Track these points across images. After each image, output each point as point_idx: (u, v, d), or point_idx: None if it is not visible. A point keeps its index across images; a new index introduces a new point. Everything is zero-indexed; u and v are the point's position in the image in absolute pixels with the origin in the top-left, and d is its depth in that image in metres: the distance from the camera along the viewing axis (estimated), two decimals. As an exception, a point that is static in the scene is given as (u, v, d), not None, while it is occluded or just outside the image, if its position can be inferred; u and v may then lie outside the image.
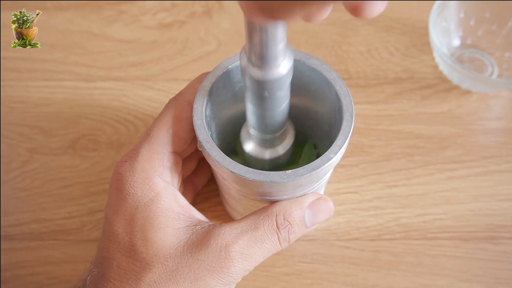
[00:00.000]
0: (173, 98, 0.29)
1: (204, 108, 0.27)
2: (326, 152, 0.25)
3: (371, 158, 0.40)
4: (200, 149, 0.27)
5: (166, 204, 0.26)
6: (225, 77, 0.28)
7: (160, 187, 0.27)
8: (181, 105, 0.28)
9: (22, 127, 0.42)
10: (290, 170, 0.25)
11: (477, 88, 0.41)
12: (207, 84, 0.27)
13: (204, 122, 0.26)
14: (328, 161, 0.25)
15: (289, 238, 0.27)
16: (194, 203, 0.38)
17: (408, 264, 0.36)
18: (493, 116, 0.41)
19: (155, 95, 0.43)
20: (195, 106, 0.27)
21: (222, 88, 0.29)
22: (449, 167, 0.39)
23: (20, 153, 0.40)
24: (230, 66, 0.28)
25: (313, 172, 0.25)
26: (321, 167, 0.25)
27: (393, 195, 0.38)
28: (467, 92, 0.42)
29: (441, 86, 0.42)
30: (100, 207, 0.38)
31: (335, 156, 0.25)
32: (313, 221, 0.28)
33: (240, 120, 0.33)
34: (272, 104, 0.26)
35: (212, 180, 0.38)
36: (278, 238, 0.26)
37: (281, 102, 0.26)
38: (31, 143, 0.41)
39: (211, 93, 0.27)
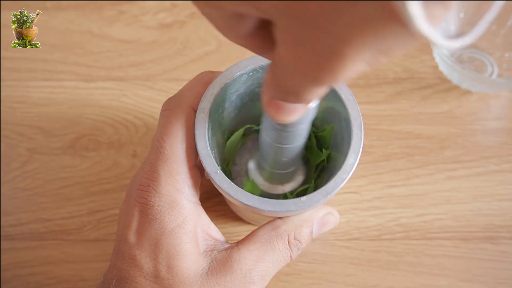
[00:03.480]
0: (173, 102, 0.27)
1: (207, 134, 0.25)
2: (339, 173, 0.24)
3: (371, 158, 0.40)
4: (208, 178, 0.26)
5: (193, 228, 0.26)
6: (223, 92, 0.27)
7: (188, 211, 0.26)
8: (188, 113, 0.26)
9: (22, 127, 0.42)
10: (305, 197, 0.24)
11: (477, 88, 0.41)
12: (206, 105, 0.26)
13: (209, 150, 0.25)
14: (342, 183, 0.24)
15: (297, 253, 0.28)
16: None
17: (408, 264, 0.36)
18: (493, 116, 0.41)
19: (155, 95, 0.43)
20: (197, 132, 0.25)
21: (221, 102, 0.27)
22: (449, 167, 0.39)
23: (20, 153, 0.40)
24: (227, 81, 0.26)
25: (328, 196, 0.24)
26: (335, 190, 0.24)
27: (393, 195, 0.38)
28: (467, 92, 0.42)
29: (441, 86, 0.42)
30: (100, 207, 0.38)
31: (348, 176, 0.24)
32: (319, 233, 0.29)
33: (240, 125, 0.32)
34: (286, 139, 0.24)
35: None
36: (290, 256, 0.28)
37: (295, 139, 0.25)
38: (31, 143, 0.41)
39: (211, 114, 0.26)
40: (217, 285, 0.25)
